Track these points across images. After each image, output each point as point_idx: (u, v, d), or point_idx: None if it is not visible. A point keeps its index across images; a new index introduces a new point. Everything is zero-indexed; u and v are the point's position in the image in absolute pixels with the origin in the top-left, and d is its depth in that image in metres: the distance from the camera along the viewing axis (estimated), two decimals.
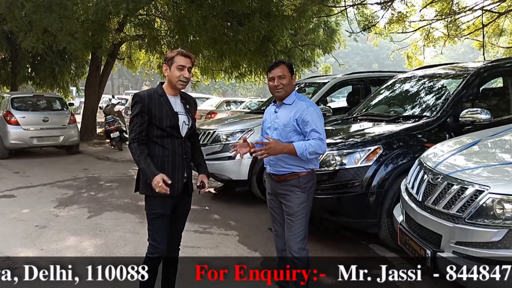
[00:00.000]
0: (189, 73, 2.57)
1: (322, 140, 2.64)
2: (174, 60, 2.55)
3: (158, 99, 2.55)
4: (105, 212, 5.24)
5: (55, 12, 8.62)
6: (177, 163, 2.57)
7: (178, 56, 2.56)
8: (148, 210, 2.60)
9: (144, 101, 2.52)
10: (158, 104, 2.54)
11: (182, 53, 2.57)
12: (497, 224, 2.23)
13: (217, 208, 5.50)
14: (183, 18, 9.63)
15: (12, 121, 9.24)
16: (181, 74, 2.54)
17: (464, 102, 4.09)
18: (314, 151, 2.61)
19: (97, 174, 7.74)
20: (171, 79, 2.57)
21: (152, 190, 2.48)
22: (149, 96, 2.55)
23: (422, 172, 2.85)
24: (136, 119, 2.53)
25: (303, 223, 2.73)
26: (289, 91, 2.76)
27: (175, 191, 2.54)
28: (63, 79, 14.63)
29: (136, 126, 2.52)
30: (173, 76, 2.55)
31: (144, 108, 2.51)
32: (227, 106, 16.30)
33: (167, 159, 2.55)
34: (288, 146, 2.63)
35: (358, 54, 55.77)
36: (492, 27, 11.52)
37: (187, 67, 2.55)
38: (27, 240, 4.23)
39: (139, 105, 2.52)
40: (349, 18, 11.03)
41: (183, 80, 2.56)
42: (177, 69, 2.54)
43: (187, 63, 2.55)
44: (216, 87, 44.42)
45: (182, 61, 2.54)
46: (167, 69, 2.58)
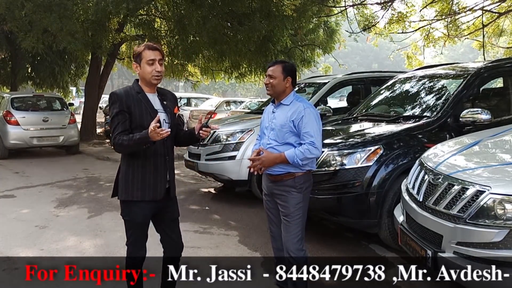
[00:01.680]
0: (160, 66, 2.42)
1: (314, 144, 2.64)
2: (142, 56, 2.40)
3: (136, 96, 2.41)
4: (105, 212, 5.24)
5: (55, 12, 8.61)
6: (159, 165, 2.44)
7: (145, 50, 2.40)
8: (127, 216, 2.46)
9: (121, 98, 2.38)
10: (136, 101, 2.39)
11: (149, 46, 2.42)
12: (498, 225, 2.22)
13: (217, 208, 5.50)
14: (183, 18, 9.63)
15: (12, 121, 9.24)
16: (152, 69, 2.39)
17: (464, 102, 4.08)
18: (305, 157, 2.64)
19: (97, 174, 7.74)
20: (144, 76, 2.42)
21: (132, 195, 2.39)
22: (126, 94, 2.41)
23: (423, 172, 2.85)
24: (116, 118, 2.37)
25: (300, 223, 2.74)
26: (278, 91, 2.77)
27: (157, 195, 2.43)
28: (63, 79, 14.63)
29: (119, 125, 2.36)
30: (145, 72, 2.40)
31: (123, 106, 2.36)
32: (227, 106, 16.30)
33: (148, 161, 2.41)
34: (280, 156, 2.67)
35: (357, 54, 55.79)
36: (492, 27, 11.52)
37: (157, 60, 2.40)
38: (27, 240, 4.23)
39: (117, 103, 2.37)
40: (349, 18, 11.03)
41: (156, 74, 2.40)
42: (147, 64, 2.39)
43: (157, 56, 2.40)
44: (216, 87, 44.46)
45: (150, 55, 2.39)
46: (137, 66, 2.43)
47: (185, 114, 14.68)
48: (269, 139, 2.79)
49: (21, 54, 13.12)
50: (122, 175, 2.46)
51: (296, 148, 2.67)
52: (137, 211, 2.44)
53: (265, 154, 2.70)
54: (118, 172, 2.52)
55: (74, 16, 9.16)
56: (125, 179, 2.44)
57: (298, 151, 2.64)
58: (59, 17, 8.63)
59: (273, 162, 2.68)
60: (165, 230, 2.60)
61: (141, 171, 2.41)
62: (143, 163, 2.42)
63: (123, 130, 2.36)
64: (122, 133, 2.35)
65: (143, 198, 2.42)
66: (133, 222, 2.47)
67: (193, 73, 14.76)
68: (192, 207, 5.57)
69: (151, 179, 2.42)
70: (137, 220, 2.46)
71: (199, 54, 11.29)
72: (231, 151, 5.55)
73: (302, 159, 2.64)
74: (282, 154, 2.67)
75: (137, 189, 2.42)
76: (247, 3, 9.64)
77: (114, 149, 2.42)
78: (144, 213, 2.45)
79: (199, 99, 19.15)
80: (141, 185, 2.42)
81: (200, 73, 14.32)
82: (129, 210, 2.46)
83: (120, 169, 2.51)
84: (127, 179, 2.43)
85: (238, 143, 5.56)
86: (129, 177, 2.43)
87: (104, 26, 9.79)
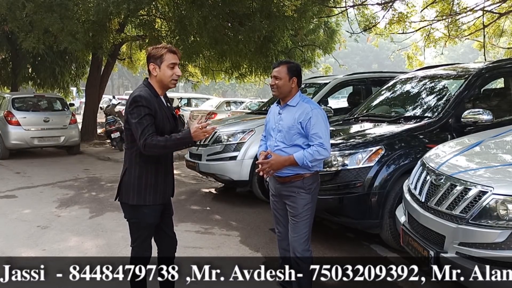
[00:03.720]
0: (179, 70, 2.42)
1: (323, 145, 2.64)
2: (164, 58, 2.35)
3: (155, 100, 2.36)
4: (107, 212, 5.24)
5: (56, 12, 8.61)
6: (168, 169, 2.48)
7: (167, 53, 2.35)
8: (135, 219, 2.45)
9: (150, 102, 2.32)
10: (158, 106, 2.35)
11: (171, 49, 2.37)
12: (501, 225, 2.23)
13: (218, 208, 5.50)
14: (183, 18, 9.63)
15: (13, 122, 9.25)
16: (173, 72, 2.36)
17: (465, 103, 4.09)
18: (314, 159, 2.64)
19: (98, 174, 7.74)
20: (162, 79, 2.37)
21: (144, 199, 2.37)
22: (152, 98, 2.35)
23: (425, 173, 2.85)
24: (145, 120, 2.29)
25: (308, 224, 2.74)
26: (284, 92, 2.76)
27: (166, 198, 2.48)
28: (63, 79, 14.61)
29: (149, 127, 2.28)
30: (165, 75, 2.36)
31: (151, 110, 2.31)
32: (227, 106, 16.31)
33: (160, 165, 2.42)
34: (289, 159, 2.66)
35: (358, 55, 55.77)
36: (492, 28, 11.53)
37: (177, 64, 2.39)
38: (29, 240, 4.23)
39: (146, 106, 2.30)
40: (350, 19, 11.02)
41: (175, 79, 2.38)
42: (168, 67, 2.35)
43: (177, 60, 2.38)
44: (216, 88, 44.43)
45: (172, 58, 2.36)
46: (155, 68, 2.36)
47: (185, 115, 14.70)
48: (276, 141, 2.78)
49: (21, 54, 13.11)
50: (135, 180, 2.40)
51: (305, 150, 2.66)
52: (149, 213, 2.43)
53: (274, 157, 2.69)
54: (124, 174, 2.46)
55: (75, 17, 9.17)
56: (138, 184, 2.40)
57: (307, 153, 2.64)
58: (60, 18, 8.63)
59: (282, 165, 2.68)
60: (162, 227, 2.61)
61: (154, 176, 2.41)
62: (157, 168, 2.41)
63: (153, 131, 2.30)
64: (153, 134, 2.29)
65: (155, 203, 2.43)
66: (143, 224, 2.47)
67: (193, 73, 14.76)
68: (193, 207, 5.57)
69: (162, 183, 2.43)
70: (148, 221, 2.46)
71: (200, 54, 11.29)
72: (232, 152, 5.56)
73: (311, 161, 2.63)
74: (291, 157, 2.65)
75: (149, 194, 2.41)
76: (247, 3, 9.65)
77: (144, 150, 2.30)
78: (156, 215, 2.47)
79: (200, 99, 19.17)
80: (154, 190, 2.42)
81: (200, 73, 14.31)
82: (140, 213, 2.43)
83: (127, 172, 2.44)
84: (140, 184, 2.40)
85: (239, 144, 5.57)
86: (142, 182, 2.41)
87: (105, 27, 9.80)
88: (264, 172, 2.72)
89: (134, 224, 2.49)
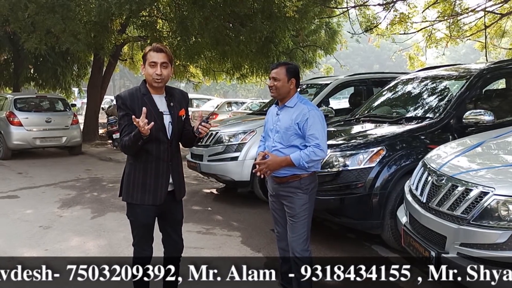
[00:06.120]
0: (162, 69, 2.34)
1: (319, 146, 2.65)
2: (146, 57, 2.36)
3: (141, 98, 2.37)
4: (109, 212, 5.25)
5: (58, 13, 8.64)
6: (160, 170, 2.41)
7: (150, 52, 2.35)
8: (131, 217, 2.50)
9: (126, 101, 2.36)
10: (141, 103, 2.33)
11: (155, 48, 2.36)
12: (502, 226, 2.23)
13: (220, 209, 5.51)
14: (185, 19, 9.64)
15: (15, 122, 9.28)
16: (153, 71, 2.33)
17: (467, 104, 4.08)
18: (310, 160, 2.65)
19: (99, 174, 7.76)
20: (147, 77, 2.39)
21: (132, 197, 2.41)
22: (131, 96, 2.38)
23: (426, 173, 2.85)
24: (122, 121, 2.37)
25: (306, 224, 2.75)
26: (283, 93, 2.77)
27: (157, 200, 2.41)
28: (65, 80, 14.65)
29: (125, 127, 2.35)
30: (148, 74, 2.36)
31: (128, 109, 2.35)
32: (229, 107, 16.32)
33: (150, 165, 2.40)
34: (286, 159, 2.68)
35: (359, 55, 55.75)
36: (494, 28, 11.51)
37: (160, 63, 2.33)
38: (31, 240, 4.25)
39: (122, 106, 2.37)
40: (351, 19, 11.03)
41: (156, 78, 2.34)
42: (149, 66, 2.34)
43: (160, 59, 2.33)
44: (217, 88, 44.45)
45: (154, 57, 2.33)
46: (143, 67, 2.39)
47: None
48: (274, 141, 2.80)
49: (23, 55, 13.14)
50: (125, 177, 2.49)
51: (302, 151, 2.67)
52: (139, 213, 2.46)
53: (271, 158, 2.70)
54: (124, 173, 2.55)
55: (77, 17, 9.19)
56: (126, 181, 2.47)
57: (304, 153, 2.65)
58: (62, 18, 8.66)
59: (279, 166, 2.69)
60: (166, 230, 2.61)
61: (142, 175, 2.42)
62: (145, 167, 2.42)
63: (129, 132, 2.33)
64: (127, 135, 2.35)
65: (142, 202, 2.43)
66: (137, 223, 2.51)
67: (195, 74, 14.79)
68: (195, 207, 5.58)
69: (152, 184, 2.42)
70: (140, 221, 2.48)
71: (201, 55, 11.31)
72: (233, 152, 5.57)
73: (308, 162, 2.65)
74: (288, 158, 2.67)
75: (137, 192, 2.43)
76: (249, 4, 9.66)
77: (122, 151, 2.44)
78: (147, 215, 2.46)
79: (201, 100, 19.18)
80: (142, 189, 2.43)
81: (202, 74, 14.33)
82: (134, 211, 2.49)
83: (124, 170, 2.55)
84: (129, 181, 2.46)
85: (240, 144, 5.58)
86: (131, 180, 2.45)
87: (107, 27, 9.83)
88: (261, 172, 2.73)
89: (131, 222, 2.54)
